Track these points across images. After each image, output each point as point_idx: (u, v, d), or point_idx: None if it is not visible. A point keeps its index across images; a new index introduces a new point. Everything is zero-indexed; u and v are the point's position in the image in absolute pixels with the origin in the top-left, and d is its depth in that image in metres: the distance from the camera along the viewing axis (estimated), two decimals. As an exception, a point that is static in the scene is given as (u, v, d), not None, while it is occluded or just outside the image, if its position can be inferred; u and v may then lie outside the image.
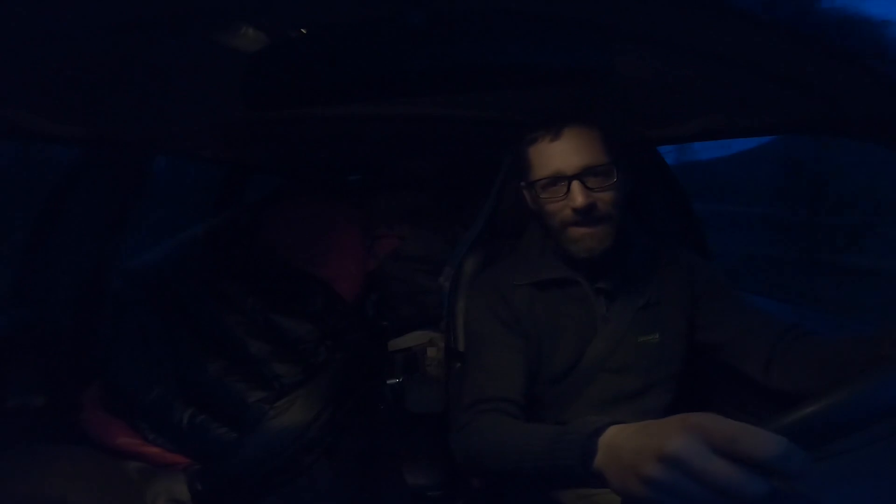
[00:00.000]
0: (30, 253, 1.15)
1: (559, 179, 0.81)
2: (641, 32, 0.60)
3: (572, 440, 0.53)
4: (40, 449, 0.92)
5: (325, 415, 1.23)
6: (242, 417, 1.15)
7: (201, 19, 0.56)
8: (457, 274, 1.07)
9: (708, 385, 1.08)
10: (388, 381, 1.61)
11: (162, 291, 1.32)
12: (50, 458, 0.90)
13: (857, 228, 6.13)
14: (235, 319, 1.30)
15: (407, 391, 1.55)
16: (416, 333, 1.72)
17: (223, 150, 1.76)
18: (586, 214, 0.80)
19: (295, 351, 1.30)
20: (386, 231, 1.93)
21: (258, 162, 2.22)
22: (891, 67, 0.52)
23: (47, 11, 0.52)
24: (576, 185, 0.80)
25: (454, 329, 1.02)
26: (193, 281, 1.35)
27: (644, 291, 0.89)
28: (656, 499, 0.43)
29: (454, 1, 0.56)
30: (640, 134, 1.23)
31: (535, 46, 0.56)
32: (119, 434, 1.12)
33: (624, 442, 0.48)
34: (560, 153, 0.81)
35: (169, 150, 1.58)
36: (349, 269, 1.66)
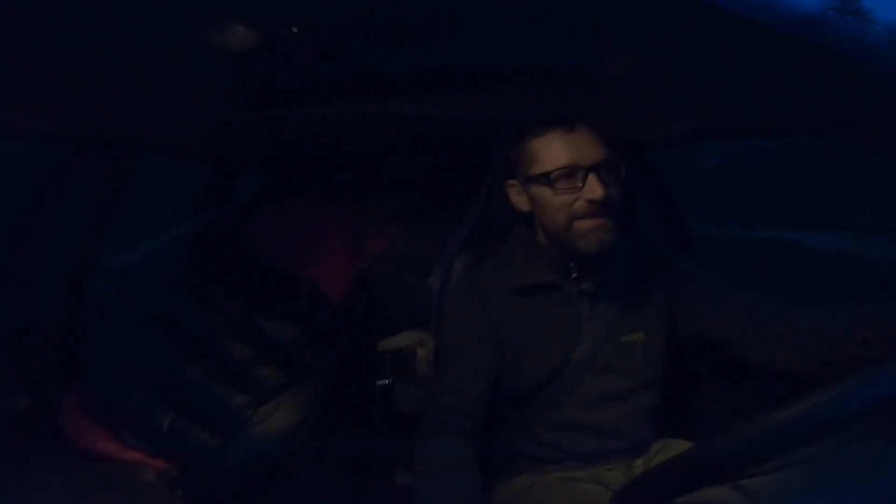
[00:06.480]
0: (11, 253, 1.13)
1: (576, 170, 0.81)
2: (629, 33, 0.61)
3: None
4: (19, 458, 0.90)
5: (311, 418, 1.22)
6: (225, 422, 1.13)
7: (193, 17, 0.56)
8: (446, 274, 1.06)
9: (697, 385, 1.09)
10: (378, 382, 1.61)
11: (143, 293, 1.28)
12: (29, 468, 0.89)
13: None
14: (218, 322, 1.27)
15: (397, 392, 1.54)
16: (406, 334, 1.70)
17: (211, 150, 1.74)
18: (601, 207, 0.81)
19: (279, 354, 1.28)
20: (375, 231, 1.92)
21: (246, 161, 2.20)
22: (875, 70, 0.53)
23: (34, 9, 0.51)
24: (592, 176, 0.80)
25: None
26: (176, 282, 1.32)
27: (626, 292, 0.90)
28: None
29: (449, 1, 0.56)
30: (627, 135, 1.24)
31: (523, 46, 0.57)
32: (98, 439, 1.09)
33: None
34: (576, 145, 0.82)
35: (157, 150, 1.56)
36: (337, 270, 1.64)
